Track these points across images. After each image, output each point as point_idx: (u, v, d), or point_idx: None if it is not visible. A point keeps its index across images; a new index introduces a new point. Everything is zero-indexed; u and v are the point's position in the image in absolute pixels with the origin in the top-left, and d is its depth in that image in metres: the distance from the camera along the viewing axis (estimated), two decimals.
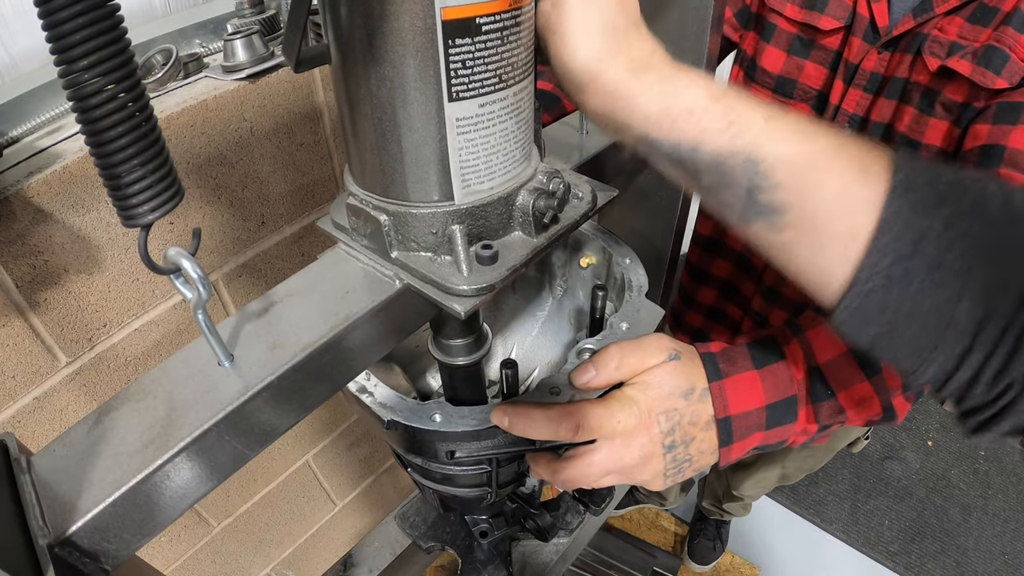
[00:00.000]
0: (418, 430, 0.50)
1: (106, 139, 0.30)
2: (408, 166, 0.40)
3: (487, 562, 0.78)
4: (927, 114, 0.78)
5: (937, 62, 0.75)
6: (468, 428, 0.49)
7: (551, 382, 0.50)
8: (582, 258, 0.65)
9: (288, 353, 0.40)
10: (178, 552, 1.16)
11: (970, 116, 0.74)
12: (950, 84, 0.75)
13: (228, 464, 0.39)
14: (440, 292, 0.42)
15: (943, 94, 0.76)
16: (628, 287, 0.58)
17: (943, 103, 0.76)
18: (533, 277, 0.73)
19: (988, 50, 0.70)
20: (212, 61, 0.85)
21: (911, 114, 0.80)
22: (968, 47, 0.72)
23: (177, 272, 0.35)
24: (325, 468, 1.38)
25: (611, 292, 0.63)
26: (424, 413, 0.50)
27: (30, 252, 0.70)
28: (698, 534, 1.99)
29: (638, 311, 0.55)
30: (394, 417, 0.50)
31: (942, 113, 0.77)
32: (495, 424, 0.50)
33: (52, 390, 0.80)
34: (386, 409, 0.51)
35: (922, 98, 0.78)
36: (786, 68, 0.91)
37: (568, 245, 0.68)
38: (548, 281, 0.72)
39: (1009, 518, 2.09)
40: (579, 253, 0.67)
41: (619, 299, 0.60)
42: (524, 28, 0.38)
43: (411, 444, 0.53)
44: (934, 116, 0.77)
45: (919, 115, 0.79)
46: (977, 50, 0.71)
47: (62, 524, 0.32)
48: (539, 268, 0.72)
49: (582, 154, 0.63)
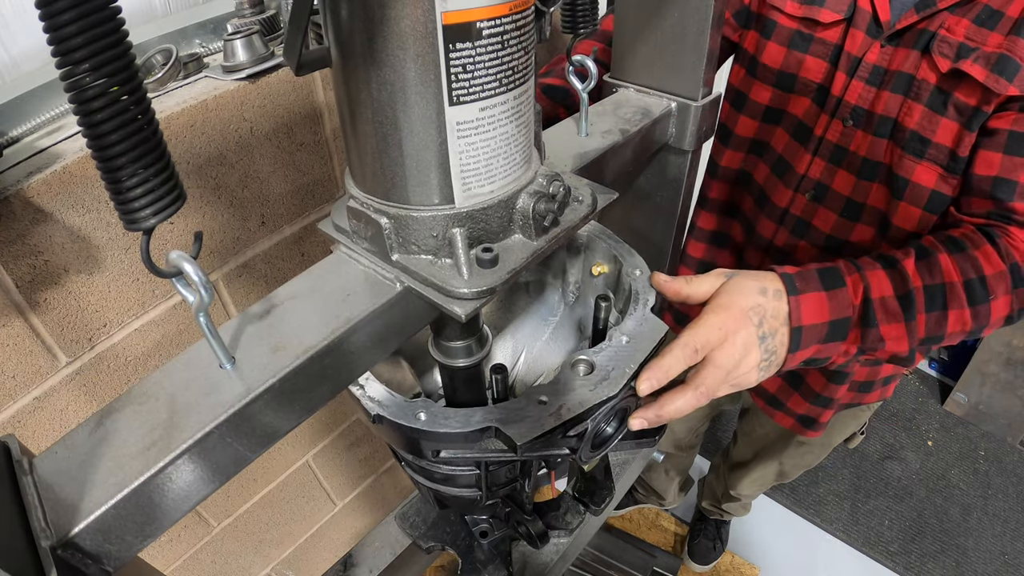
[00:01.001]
0: (403, 427, 0.49)
1: (107, 142, 0.30)
2: (409, 169, 0.40)
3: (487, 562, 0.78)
4: (940, 114, 0.79)
5: (948, 63, 0.76)
6: (451, 430, 0.49)
7: (538, 393, 0.50)
8: (594, 266, 0.66)
9: (289, 355, 0.40)
10: (178, 552, 1.16)
11: (980, 121, 0.76)
12: (962, 86, 0.76)
13: (230, 466, 0.39)
14: (441, 295, 0.42)
15: (954, 95, 0.77)
16: (635, 300, 0.58)
17: (956, 104, 0.78)
18: (548, 282, 0.73)
19: (1001, 59, 0.72)
20: (212, 61, 0.85)
21: (921, 111, 0.81)
22: (979, 50, 0.74)
23: (179, 275, 0.35)
24: (325, 468, 1.39)
25: (618, 302, 0.63)
26: (410, 411, 0.50)
27: (30, 252, 0.70)
28: (698, 534, 1.99)
29: (641, 325, 0.55)
30: (381, 412, 0.50)
31: (954, 114, 0.78)
32: (638, 393, 0.53)
33: (52, 390, 0.80)
34: (374, 403, 0.51)
35: (933, 97, 0.80)
36: (786, 63, 0.92)
37: (583, 251, 0.67)
38: (562, 287, 0.72)
39: (1009, 518, 2.09)
40: (592, 261, 0.67)
41: (625, 312, 0.60)
42: (525, 32, 0.38)
43: (399, 441, 0.53)
44: (946, 116, 0.79)
45: (931, 114, 0.80)
46: (990, 56, 0.73)
47: (65, 526, 0.32)
48: (554, 273, 0.72)
49: (582, 157, 0.63)
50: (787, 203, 0.98)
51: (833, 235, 0.95)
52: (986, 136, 0.77)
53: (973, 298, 0.66)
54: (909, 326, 0.65)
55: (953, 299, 0.66)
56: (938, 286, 0.66)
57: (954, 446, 2.33)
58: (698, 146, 0.75)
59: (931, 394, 2.53)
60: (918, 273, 0.66)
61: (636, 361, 0.52)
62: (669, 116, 0.72)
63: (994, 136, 0.76)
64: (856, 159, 0.89)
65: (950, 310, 0.66)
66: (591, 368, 0.51)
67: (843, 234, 0.95)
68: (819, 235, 0.97)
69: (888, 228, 0.89)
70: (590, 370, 0.51)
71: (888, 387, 1.17)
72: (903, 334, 0.65)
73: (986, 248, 0.69)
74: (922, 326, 0.65)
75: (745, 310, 0.60)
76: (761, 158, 1.02)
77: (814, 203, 0.95)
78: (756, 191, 1.04)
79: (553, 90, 0.89)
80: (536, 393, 0.49)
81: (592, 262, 0.67)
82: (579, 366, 0.52)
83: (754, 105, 0.98)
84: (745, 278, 0.63)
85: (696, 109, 0.71)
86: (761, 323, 0.60)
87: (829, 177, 0.92)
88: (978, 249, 0.69)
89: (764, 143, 1.01)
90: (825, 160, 0.92)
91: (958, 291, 0.66)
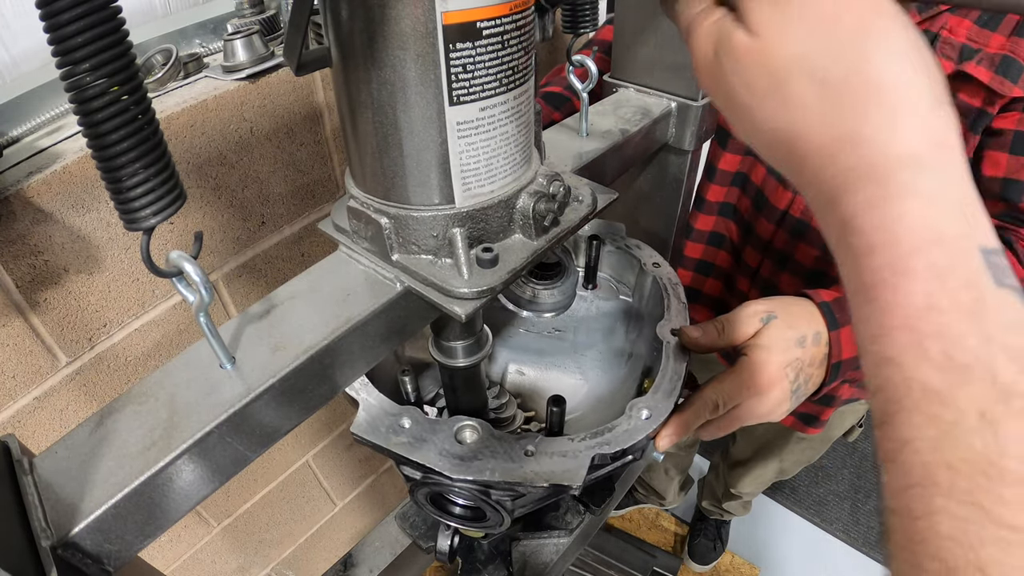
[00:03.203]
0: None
1: (108, 142, 0.30)
2: (409, 169, 0.40)
3: (487, 562, 0.78)
4: None
5: (952, 66, 0.76)
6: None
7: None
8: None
9: (290, 355, 0.40)
10: (178, 552, 1.16)
11: (984, 122, 0.76)
12: (965, 88, 0.76)
13: (230, 466, 0.39)
14: (441, 295, 0.42)
15: (958, 97, 0.77)
16: (664, 355, 0.59)
17: (959, 106, 0.77)
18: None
19: (1005, 60, 0.72)
20: (212, 61, 0.85)
21: None
22: (982, 52, 0.74)
23: (179, 275, 0.35)
24: (325, 468, 1.39)
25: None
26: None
27: (30, 252, 0.70)
28: (698, 534, 1.99)
29: (661, 403, 0.56)
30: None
31: (957, 116, 0.77)
32: (657, 449, 0.55)
33: (52, 390, 0.80)
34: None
35: None
36: None
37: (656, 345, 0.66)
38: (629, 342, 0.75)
39: None
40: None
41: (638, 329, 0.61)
42: (525, 32, 0.38)
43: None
44: None
45: None
46: (994, 57, 0.73)
47: (65, 526, 0.32)
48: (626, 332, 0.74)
49: (582, 157, 0.63)
50: (786, 205, 0.98)
51: None
52: (991, 137, 0.77)
53: None
54: None
55: None
56: None
57: None
58: (698, 146, 0.75)
59: None
60: None
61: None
62: (669, 116, 0.72)
63: (1000, 137, 0.76)
64: None
65: None
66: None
67: None
68: (819, 237, 0.97)
69: None
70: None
71: None
72: None
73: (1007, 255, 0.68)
74: None
75: (782, 367, 0.57)
76: (759, 159, 1.02)
77: None
78: (753, 192, 1.04)
79: (551, 96, 0.89)
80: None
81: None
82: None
83: None
84: (784, 328, 0.59)
85: (696, 109, 0.71)
86: (797, 377, 0.58)
87: None
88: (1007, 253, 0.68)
89: None
90: None
91: None
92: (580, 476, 0.48)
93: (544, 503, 0.64)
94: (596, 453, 0.50)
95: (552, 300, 0.66)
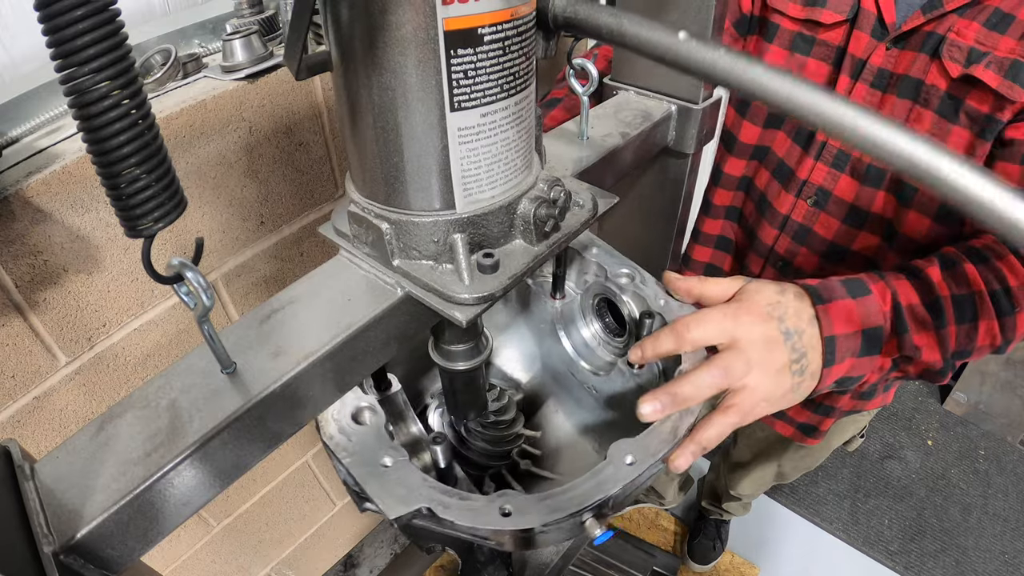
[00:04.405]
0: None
1: (107, 146, 0.30)
2: (410, 175, 0.40)
3: (487, 562, 0.78)
4: (951, 121, 0.78)
5: (959, 68, 0.74)
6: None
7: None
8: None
9: (290, 361, 0.40)
10: (178, 552, 1.16)
11: (995, 130, 0.74)
12: (973, 92, 0.74)
13: (231, 471, 0.39)
14: (441, 300, 0.42)
15: (966, 102, 0.75)
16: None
17: (968, 112, 0.76)
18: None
19: (1015, 64, 0.71)
20: (211, 61, 0.85)
21: (931, 118, 0.79)
22: (990, 55, 0.72)
23: (180, 281, 0.35)
24: (325, 468, 1.39)
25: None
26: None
27: (30, 252, 0.70)
28: (698, 534, 1.99)
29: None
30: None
31: (966, 122, 0.76)
32: (640, 419, 0.52)
33: (52, 390, 0.80)
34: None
35: (943, 104, 0.78)
36: (787, 66, 0.91)
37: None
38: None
39: (1009, 518, 2.10)
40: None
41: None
42: (525, 38, 0.38)
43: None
44: (957, 124, 0.77)
45: (941, 120, 0.78)
46: (1003, 61, 0.71)
47: (67, 531, 0.33)
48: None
49: (582, 161, 0.63)
50: (788, 209, 0.97)
51: (835, 242, 0.95)
52: (1002, 147, 0.75)
53: (1000, 309, 0.63)
54: (940, 335, 0.62)
55: (983, 310, 0.63)
56: (966, 296, 0.63)
57: (954, 445, 2.34)
58: (699, 149, 0.75)
59: (931, 393, 2.54)
60: (944, 282, 0.64)
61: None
62: (669, 119, 0.72)
63: (1011, 147, 0.73)
64: (860, 164, 0.88)
65: (980, 321, 0.63)
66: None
67: (846, 241, 0.94)
68: (821, 242, 0.96)
69: (895, 237, 0.88)
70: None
71: (888, 393, 1.17)
72: (934, 343, 0.62)
73: (1010, 259, 0.66)
74: (953, 337, 0.62)
75: (762, 306, 0.57)
76: (763, 163, 1.02)
77: (816, 209, 0.94)
78: (757, 196, 1.04)
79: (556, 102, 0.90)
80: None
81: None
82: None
83: (757, 110, 0.98)
84: (763, 282, 0.60)
85: (696, 112, 0.70)
86: (783, 318, 0.57)
87: (832, 182, 0.92)
88: (1001, 260, 0.66)
89: (766, 148, 1.00)
90: (827, 165, 0.91)
91: (986, 301, 0.63)
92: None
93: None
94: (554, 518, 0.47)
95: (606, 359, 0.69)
